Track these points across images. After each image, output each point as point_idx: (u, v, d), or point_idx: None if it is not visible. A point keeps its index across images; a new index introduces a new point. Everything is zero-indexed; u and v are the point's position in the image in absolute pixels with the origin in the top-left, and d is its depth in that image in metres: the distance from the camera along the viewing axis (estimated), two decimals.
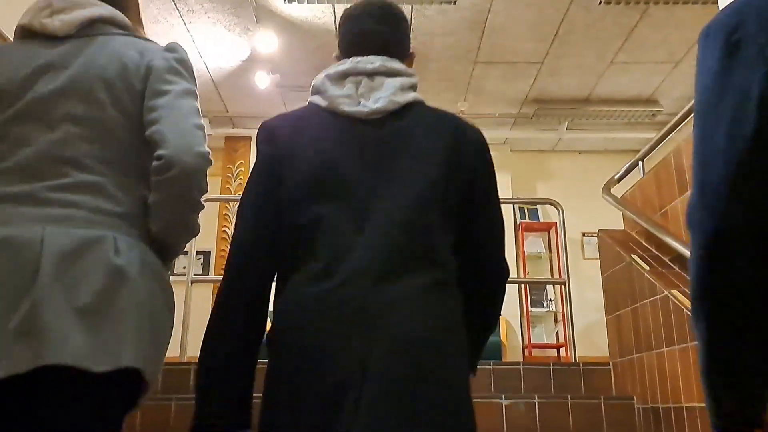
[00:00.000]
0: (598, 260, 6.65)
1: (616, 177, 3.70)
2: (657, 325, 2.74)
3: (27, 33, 1.34)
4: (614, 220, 7.02)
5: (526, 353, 6.70)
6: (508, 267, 1.37)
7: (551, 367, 3.30)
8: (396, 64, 1.30)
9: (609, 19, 5.08)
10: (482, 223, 1.32)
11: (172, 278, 1.38)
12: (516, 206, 7.31)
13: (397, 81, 1.27)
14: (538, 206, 7.39)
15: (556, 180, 7.55)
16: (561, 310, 6.79)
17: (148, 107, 1.28)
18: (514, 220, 7.22)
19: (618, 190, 3.73)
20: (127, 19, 1.40)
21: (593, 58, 5.65)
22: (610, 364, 3.30)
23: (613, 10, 4.96)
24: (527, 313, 6.76)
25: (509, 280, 1.38)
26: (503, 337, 6.33)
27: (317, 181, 1.20)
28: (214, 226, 6.90)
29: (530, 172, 7.55)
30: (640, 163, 3.55)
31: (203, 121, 1.33)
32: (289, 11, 5.00)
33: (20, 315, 1.07)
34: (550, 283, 7.05)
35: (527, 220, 7.21)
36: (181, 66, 1.36)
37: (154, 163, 1.23)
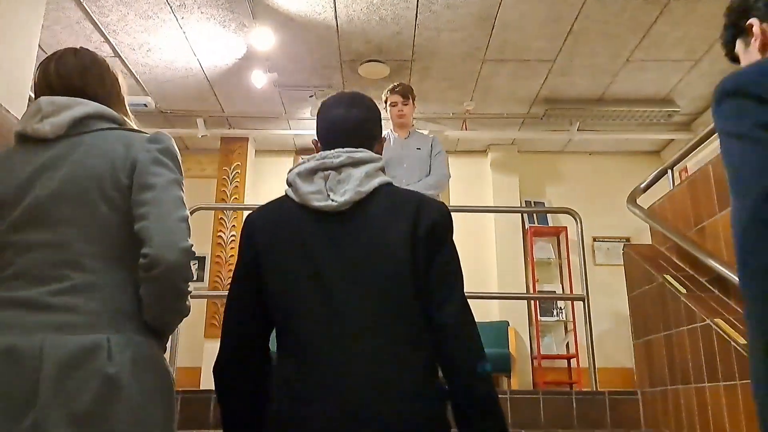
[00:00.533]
0: (611, 267, 6.51)
1: (642, 186, 3.40)
2: (697, 356, 2.46)
3: (22, 138, 1.44)
4: (628, 225, 6.79)
5: (535, 364, 6.43)
6: (486, 375, 1.30)
7: (573, 396, 3.02)
8: (361, 154, 1.40)
9: (626, 15, 4.78)
10: (443, 305, 1.32)
11: None
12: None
13: (363, 170, 1.37)
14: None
15: (566, 182, 7.26)
16: (572, 319, 6.51)
17: (135, 201, 1.36)
18: (522, 224, 6.93)
19: (644, 200, 3.43)
20: (113, 111, 1.47)
21: (608, 56, 5.36)
22: (638, 393, 3.01)
23: (632, 5, 4.66)
24: (537, 323, 6.48)
25: (524, 295, 1.18)
26: (512, 348, 6.05)
27: (293, 274, 1.33)
28: (209, 232, 6.61)
29: (539, 174, 7.27)
30: (669, 172, 3.25)
31: (186, 212, 1.38)
32: (287, 6, 4.70)
33: (25, 426, 1.19)
34: (568, 299, 6.75)
35: (536, 224, 6.92)
36: (166, 156, 1.41)
37: (141, 260, 1.31)
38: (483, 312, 5.99)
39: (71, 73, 1.47)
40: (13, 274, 1.32)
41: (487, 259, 6.80)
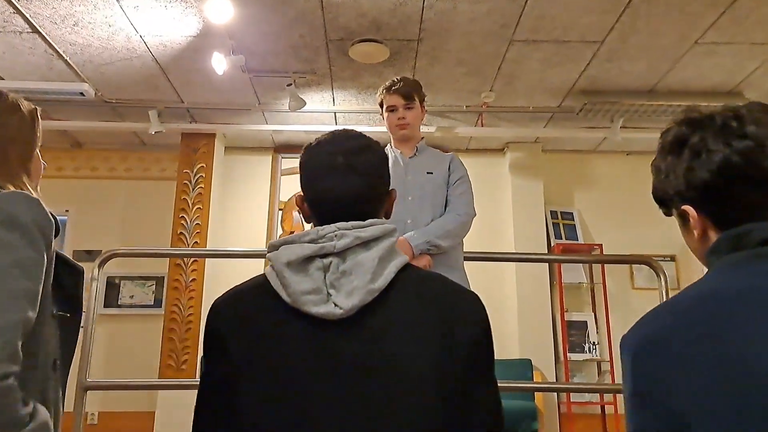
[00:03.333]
0: (652, 291, 5.35)
1: None
2: None
3: None
4: (674, 241, 5.64)
5: (563, 410, 5.30)
6: None
7: None
8: (371, 230, 1.10)
9: None
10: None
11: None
12: (549, 223, 5.83)
13: (375, 254, 1.08)
14: (577, 222, 5.90)
15: (598, 188, 6.07)
16: (608, 357, 5.37)
17: None
18: (547, 240, 5.74)
19: None
20: None
21: (674, 36, 4.13)
22: None
23: None
24: (565, 360, 5.33)
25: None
26: (538, 402, 4.91)
27: (275, 414, 1.01)
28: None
29: (566, 177, 6.07)
30: None
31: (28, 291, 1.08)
32: None
33: None
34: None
35: (563, 240, 5.74)
36: (1, 228, 1.13)
37: None
38: (500, 348, 4.84)
39: None
40: None
41: (505, 283, 5.63)
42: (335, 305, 1.04)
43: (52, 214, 1.23)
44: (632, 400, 0.88)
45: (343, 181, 1.14)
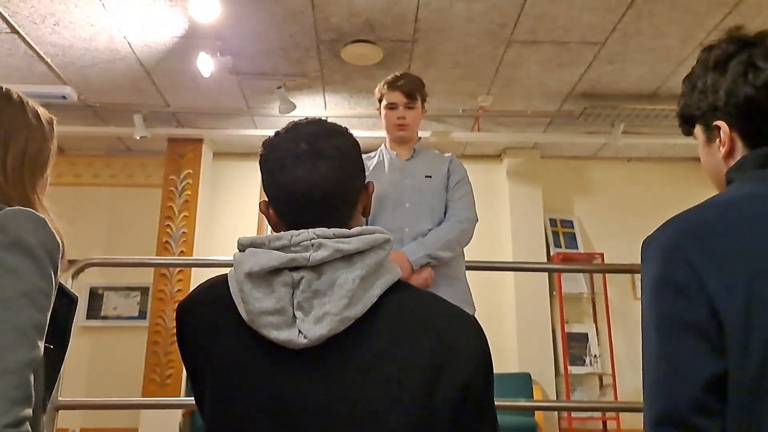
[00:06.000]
0: None
1: None
2: None
3: None
4: None
5: (564, 425, 5.11)
6: None
7: None
8: (357, 242, 0.89)
9: None
10: None
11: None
12: (548, 231, 5.66)
13: (357, 272, 0.87)
14: (577, 230, 5.73)
15: (598, 195, 5.91)
16: (611, 371, 5.19)
17: None
18: (546, 249, 5.57)
19: None
20: None
21: (678, 37, 3.99)
22: None
23: None
24: (566, 374, 5.15)
25: None
26: (539, 418, 4.72)
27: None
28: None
29: (565, 184, 5.91)
30: None
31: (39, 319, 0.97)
32: None
33: None
34: None
35: (563, 248, 5.57)
36: (8, 252, 1.00)
37: None
38: (498, 362, 4.65)
39: None
40: None
41: (504, 294, 5.46)
42: (300, 332, 0.86)
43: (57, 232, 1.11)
44: (663, 289, 0.89)
45: (309, 170, 0.94)
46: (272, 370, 0.87)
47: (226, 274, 0.97)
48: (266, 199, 1.00)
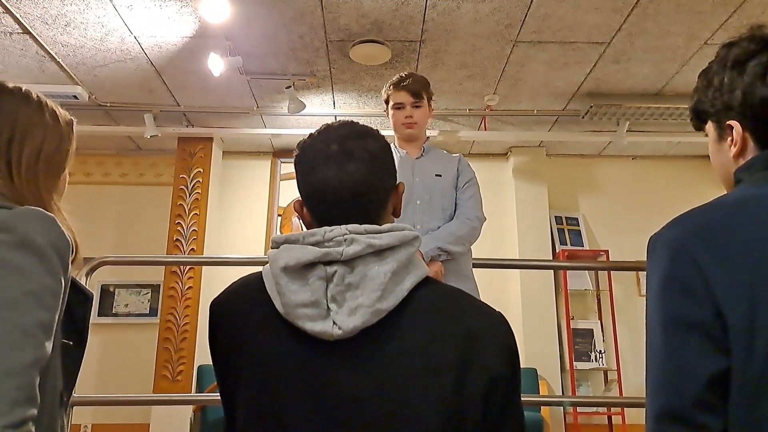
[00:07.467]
0: None
1: None
2: None
3: None
4: None
5: (570, 420, 5.16)
6: None
7: None
8: (388, 237, 0.93)
9: None
10: None
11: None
12: (554, 228, 5.71)
13: (389, 266, 0.91)
14: (582, 228, 5.78)
15: (604, 193, 5.95)
16: (615, 366, 5.24)
17: None
18: (552, 246, 5.62)
19: None
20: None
21: (683, 36, 4.02)
22: None
23: None
24: (572, 369, 5.20)
25: None
26: (544, 413, 4.77)
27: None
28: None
29: (570, 182, 5.95)
30: None
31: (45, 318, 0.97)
32: None
33: None
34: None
35: (568, 246, 5.61)
36: (15, 251, 0.99)
37: None
38: None
39: None
40: None
41: (510, 291, 5.51)
42: (334, 323, 0.90)
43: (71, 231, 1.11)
44: (669, 287, 0.89)
45: (339, 170, 0.97)
46: (308, 360, 0.91)
47: (258, 273, 1.01)
48: (300, 199, 1.04)
